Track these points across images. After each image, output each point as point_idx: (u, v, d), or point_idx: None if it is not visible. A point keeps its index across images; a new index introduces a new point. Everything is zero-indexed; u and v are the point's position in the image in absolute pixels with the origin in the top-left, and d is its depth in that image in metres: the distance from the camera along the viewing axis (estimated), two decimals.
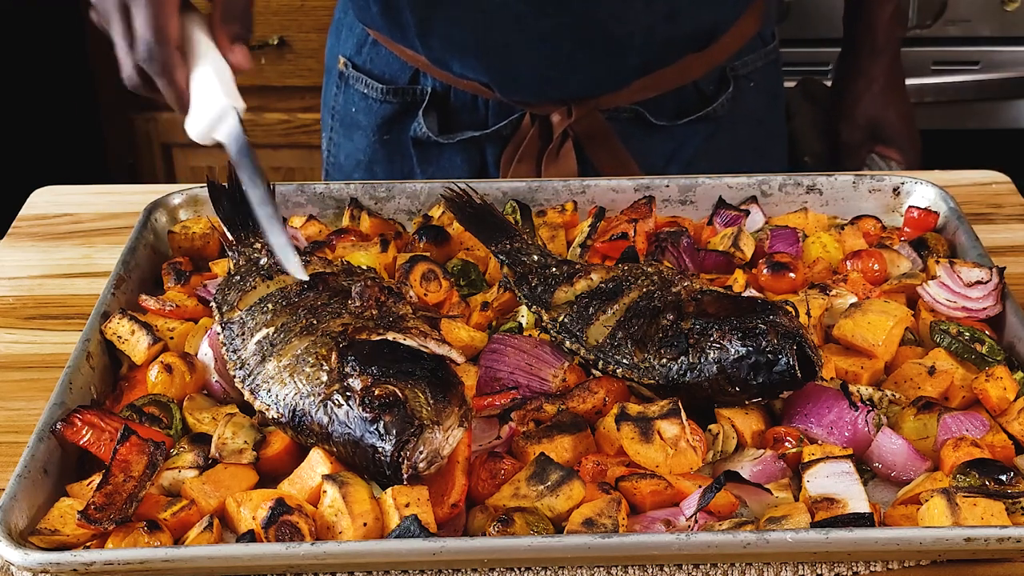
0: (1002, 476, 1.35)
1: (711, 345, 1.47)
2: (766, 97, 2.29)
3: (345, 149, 2.33)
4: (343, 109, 2.32)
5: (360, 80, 2.26)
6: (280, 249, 1.54)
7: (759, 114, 2.28)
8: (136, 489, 1.36)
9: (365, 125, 2.28)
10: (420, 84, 2.19)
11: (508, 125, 2.17)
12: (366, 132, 2.28)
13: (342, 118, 2.33)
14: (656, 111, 2.16)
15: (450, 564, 1.32)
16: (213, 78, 1.57)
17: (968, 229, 1.80)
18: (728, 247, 1.77)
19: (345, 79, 2.30)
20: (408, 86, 2.20)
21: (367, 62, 2.25)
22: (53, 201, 2.07)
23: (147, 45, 1.53)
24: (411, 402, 1.35)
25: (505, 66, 2.08)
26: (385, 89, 2.22)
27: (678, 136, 2.19)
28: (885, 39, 2.35)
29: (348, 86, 2.29)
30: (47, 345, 1.72)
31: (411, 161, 2.24)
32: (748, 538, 1.27)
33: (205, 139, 1.62)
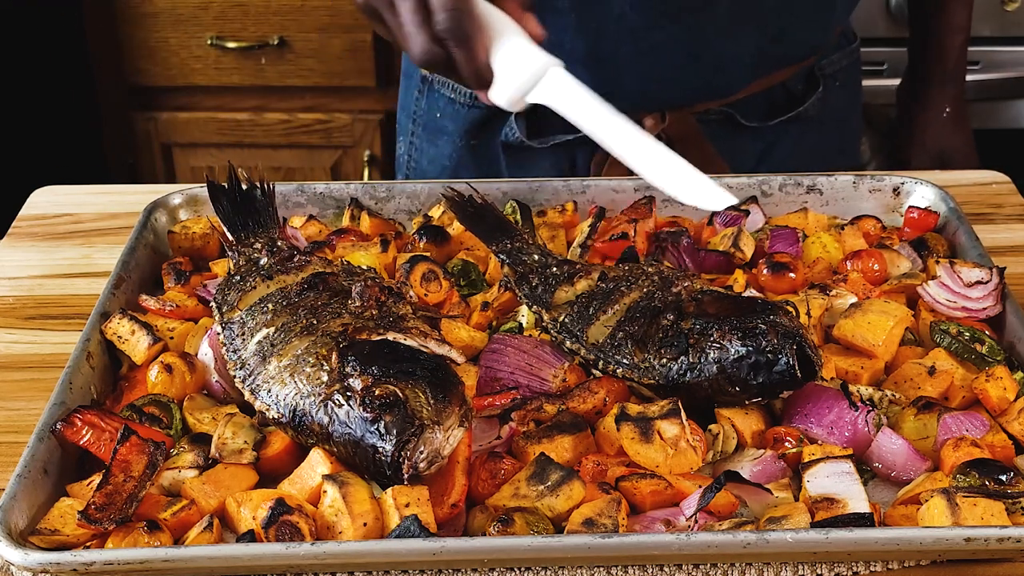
0: (1002, 476, 1.35)
1: (711, 345, 1.47)
2: (849, 96, 2.31)
3: (428, 154, 2.31)
4: (426, 114, 2.29)
5: (446, 84, 2.23)
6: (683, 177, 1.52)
7: (842, 113, 2.30)
8: (136, 489, 1.36)
9: (451, 130, 2.25)
10: None
11: None
12: (452, 137, 2.26)
13: (425, 123, 2.30)
14: (746, 112, 2.16)
15: (450, 564, 1.32)
16: (523, 40, 1.57)
17: (968, 229, 1.80)
18: (728, 247, 1.77)
19: (428, 84, 2.27)
20: None
21: None
22: (53, 201, 2.07)
23: (447, 14, 1.49)
24: (411, 402, 1.35)
25: (610, 76, 2.05)
26: (473, 94, 2.19)
27: (768, 136, 2.20)
28: (955, 68, 2.37)
29: (432, 91, 2.26)
30: (47, 345, 1.72)
31: (499, 165, 2.23)
32: (748, 538, 1.27)
33: (518, 104, 1.61)
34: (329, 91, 3.78)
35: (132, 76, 3.79)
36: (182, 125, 3.84)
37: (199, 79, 3.77)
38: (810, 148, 2.23)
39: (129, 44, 3.73)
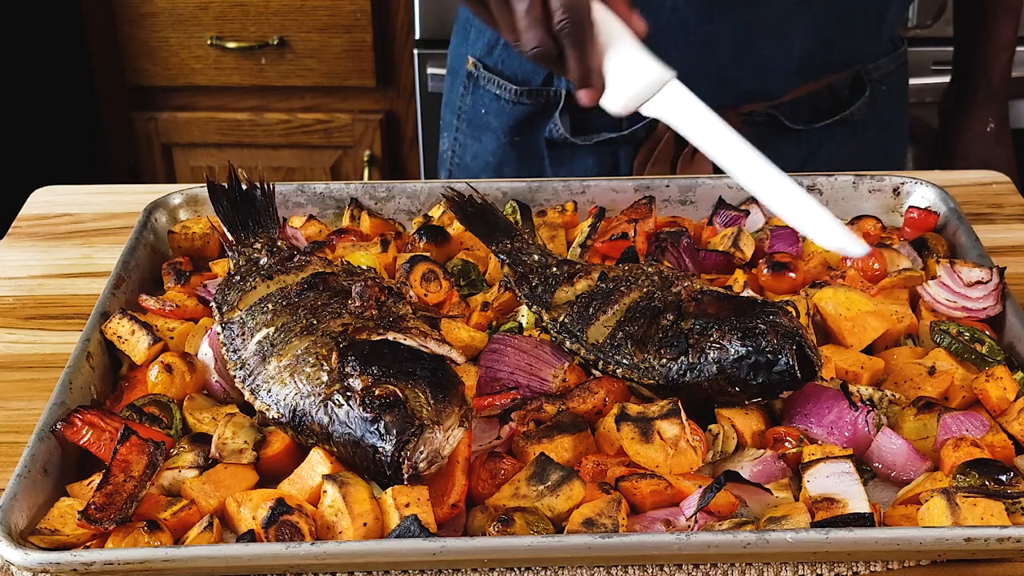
0: (1002, 476, 1.35)
1: (711, 345, 1.47)
2: (896, 99, 2.30)
3: (472, 150, 2.31)
4: (471, 110, 2.29)
5: (491, 81, 2.23)
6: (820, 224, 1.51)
7: (888, 117, 2.29)
8: (136, 489, 1.36)
9: (496, 126, 2.26)
10: (555, 85, 2.17)
11: (643, 127, 2.15)
12: (496, 133, 2.26)
13: (470, 119, 2.30)
14: (791, 115, 2.16)
15: (450, 564, 1.32)
16: (638, 49, 1.57)
17: (968, 229, 1.80)
18: (728, 247, 1.77)
19: (474, 80, 2.27)
20: (542, 87, 2.18)
21: (499, 63, 2.23)
22: (53, 201, 2.07)
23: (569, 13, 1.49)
24: (411, 402, 1.35)
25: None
26: (519, 90, 2.20)
27: (813, 139, 2.19)
28: (1000, 83, 2.36)
29: (477, 87, 2.27)
30: (47, 345, 1.72)
31: (542, 162, 2.23)
32: (748, 538, 1.27)
33: (628, 110, 1.61)
34: (329, 91, 3.78)
35: (132, 76, 3.79)
36: (182, 125, 3.84)
37: (199, 79, 3.77)
38: (855, 152, 2.22)
39: (129, 44, 3.74)
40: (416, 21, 3.51)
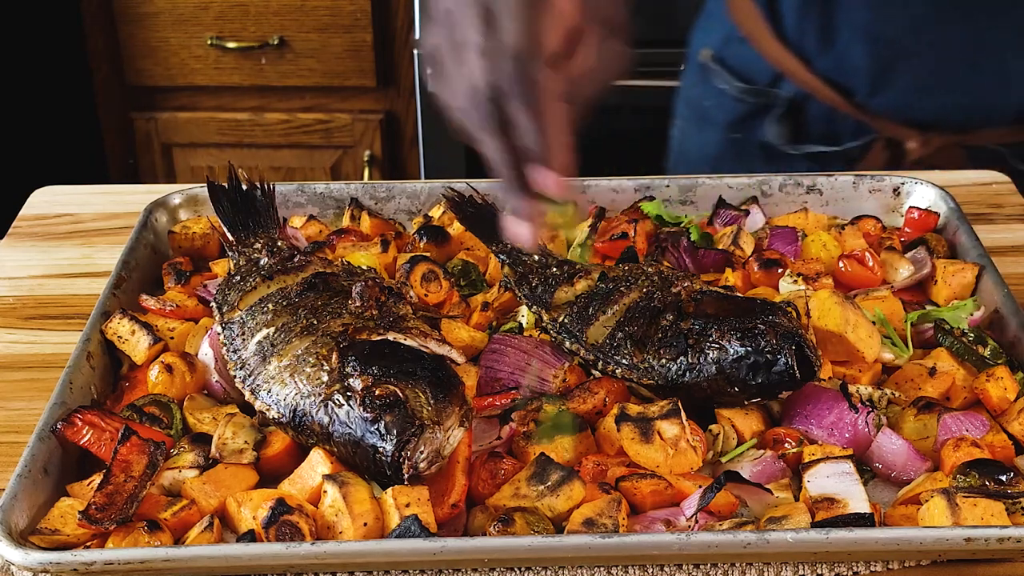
0: (1002, 476, 1.35)
1: (710, 345, 1.47)
2: None
3: (696, 142, 2.30)
4: (698, 101, 2.28)
5: (720, 75, 2.22)
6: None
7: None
8: (136, 489, 1.36)
9: (717, 121, 2.24)
10: (778, 88, 2.15)
11: (860, 146, 2.12)
12: (716, 128, 2.24)
13: (695, 109, 2.30)
14: (1020, 155, 2.07)
15: (450, 564, 1.32)
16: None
17: (968, 229, 1.80)
18: (728, 246, 1.77)
19: (705, 71, 2.26)
20: (766, 87, 2.16)
21: (730, 57, 2.22)
22: (53, 201, 2.07)
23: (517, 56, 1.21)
24: (412, 402, 1.35)
25: (885, 60, 2.01)
26: (743, 88, 2.18)
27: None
28: None
29: (707, 79, 2.25)
30: (47, 345, 1.72)
31: (758, 164, 2.20)
32: (748, 538, 1.27)
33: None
34: (329, 91, 3.78)
35: (132, 76, 3.79)
36: (182, 125, 3.84)
37: (199, 79, 3.77)
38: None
39: (129, 44, 3.74)
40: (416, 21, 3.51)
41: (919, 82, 2.01)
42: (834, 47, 2.05)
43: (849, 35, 2.01)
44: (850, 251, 1.74)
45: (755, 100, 2.18)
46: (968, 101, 2.02)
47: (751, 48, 2.17)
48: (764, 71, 2.17)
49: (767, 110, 2.16)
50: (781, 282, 1.68)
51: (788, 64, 2.12)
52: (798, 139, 2.17)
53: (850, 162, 2.13)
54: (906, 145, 2.08)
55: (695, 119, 2.30)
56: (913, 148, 2.07)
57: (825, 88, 2.09)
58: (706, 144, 2.28)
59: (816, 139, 2.15)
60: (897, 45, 1.99)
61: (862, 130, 2.11)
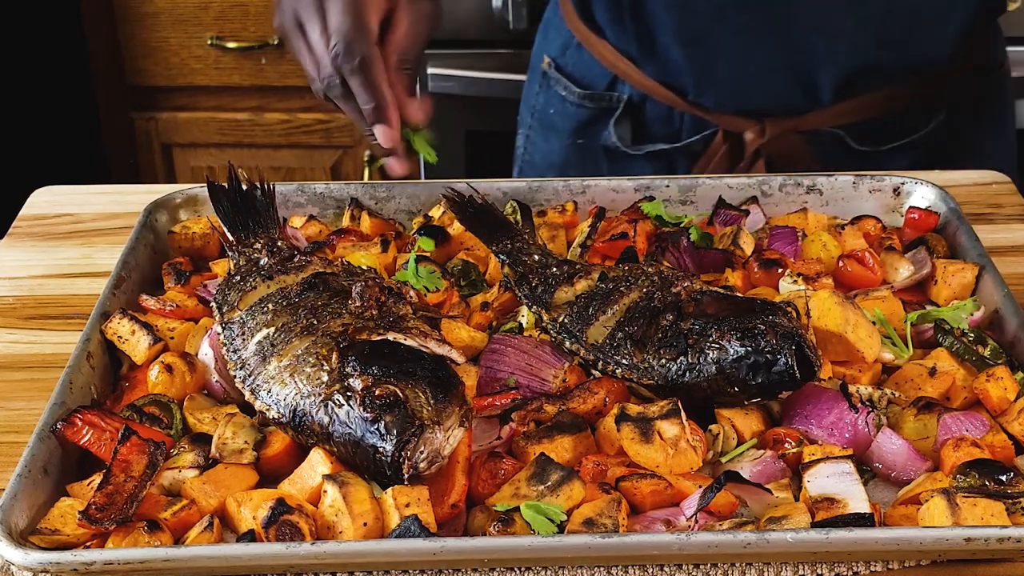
0: (1002, 476, 1.35)
1: (710, 345, 1.47)
2: (987, 124, 2.20)
3: (541, 149, 2.34)
4: (542, 109, 2.32)
5: (560, 82, 2.26)
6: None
7: (977, 140, 2.19)
8: (136, 489, 1.36)
9: (561, 128, 2.28)
10: (617, 91, 2.19)
11: (700, 140, 2.15)
12: (561, 135, 2.28)
13: (540, 118, 2.33)
14: (858, 136, 2.11)
15: (450, 564, 1.32)
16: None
17: (968, 229, 1.80)
18: (728, 246, 1.77)
19: (547, 79, 2.29)
20: (605, 92, 2.20)
21: (569, 64, 2.25)
22: (53, 201, 2.07)
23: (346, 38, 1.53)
24: (412, 402, 1.35)
25: (702, 58, 2.05)
26: (582, 94, 2.22)
27: (881, 162, 2.13)
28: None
29: (549, 87, 2.29)
30: (47, 345, 1.72)
31: (603, 168, 2.24)
32: (748, 538, 1.27)
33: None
34: None
35: (132, 76, 3.79)
36: (182, 125, 3.84)
37: (199, 79, 3.77)
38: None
39: (129, 44, 3.73)
40: None
41: (740, 72, 2.06)
42: (655, 52, 2.09)
43: (665, 40, 2.06)
44: (850, 251, 1.74)
45: (595, 105, 2.22)
46: (787, 84, 2.05)
47: (588, 54, 2.21)
48: (602, 76, 2.20)
49: (608, 114, 2.20)
50: (781, 282, 1.68)
51: (622, 67, 2.16)
52: (640, 139, 2.20)
53: (693, 158, 2.17)
54: (744, 136, 2.11)
55: (540, 127, 2.34)
56: (751, 138, 2.10)
57: (659, 88, 2.14)
58: (551, 152, 2.32)
59: (658, 138, 2.18)
60: (710, 41, 2.03)
61: (701, 125, 2.14)
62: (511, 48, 3.54)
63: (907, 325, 1.62)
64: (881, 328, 1.61)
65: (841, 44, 2.00)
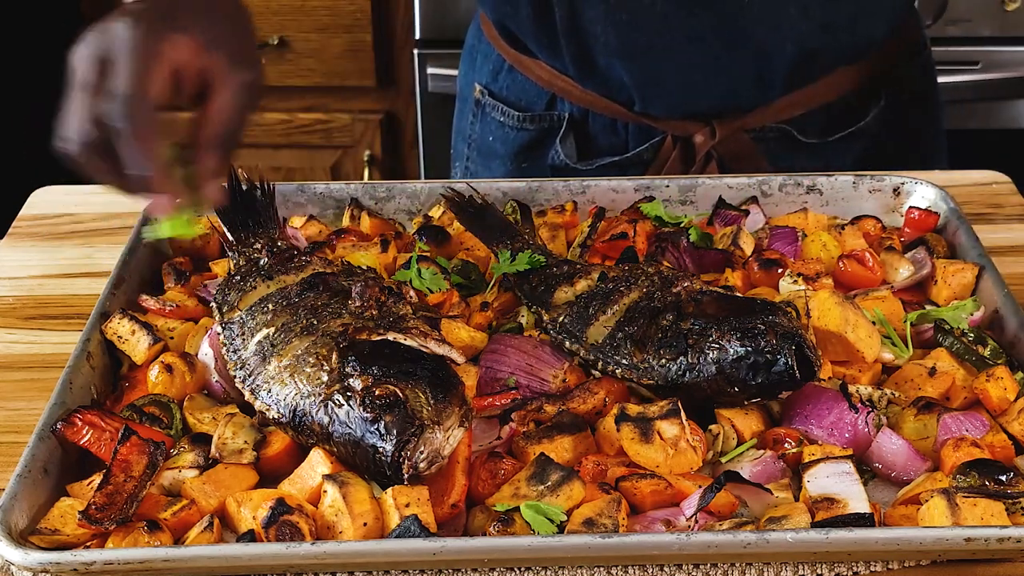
0: (1002, 476, 1.35)
1: (710, 345, 1.47)
2: (921, 107, 2.24)
3: (484, 177, 2.28)
4: (480, 137, 2.29)
5: (496, 108, 2.23)
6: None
7: (914, 124, 2.23)
8: (136, 489, 1.36)
9: (503, 153, 2.25)
10: (557, 110, 2.17)
11: (649, 148, 2.14)
12: (504, 160, 2.25)
13: (479, 147, 2.30)
14: (803, 129, 2.12)
15: (450, 564, 1.32)
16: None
17: (968, 229, 1.80)
18: (728, 246, 1.77)
19: (482, 107, 2.27)
20: (545, 112, 2.18)
21: (503, 89, 2.23)
22: (53, 201, 2.07)
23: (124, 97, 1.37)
24: (412, 402, 1.35)
25: (649, 72, 2.03)
26: (521, 116, 2.20)
27: (828, 154, 2.14)
28: None
29: (485, 114, 2.27)
30: (47, 345, 1.72)
31: None
32: (748, 538, 1.27)
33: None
34: (329, 91, 3.78)
35: None
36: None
37: None
38: (876, 164, 2.15)
39: None
40: (416, 21, 3.51)
41: (687, 78, 2.03)
42: (595, 70, 2.07)
43: (606, 58, 2.04)
44: (850, 251, 1.74)
45: (535, 126, 2.19)
46: (737, 84, 2.05)
47: (522, 76, 2.19)
48: (539, 97, 2.18)
49: (551, 133, 2.18)
50: (781, 282, 1.68)
51: (560, 85, 2.14)
52: (586, 155, 2.18)
53: (643, 166, 2.15)
54: (694, 139, 2.10)
55: (479, 157, 2.31)
56: (701, 141, 2.10)
57: (602, 101, 2.12)
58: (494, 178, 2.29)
59: (605, 151, 2.16)
60: (654, 52, 2.01)
61: (647, 133, 2.13)
62: None
63: (907, 325, 1.62)
64: (881, 328, 1.61)
65: (788, 33, 1.99)
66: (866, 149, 2.16)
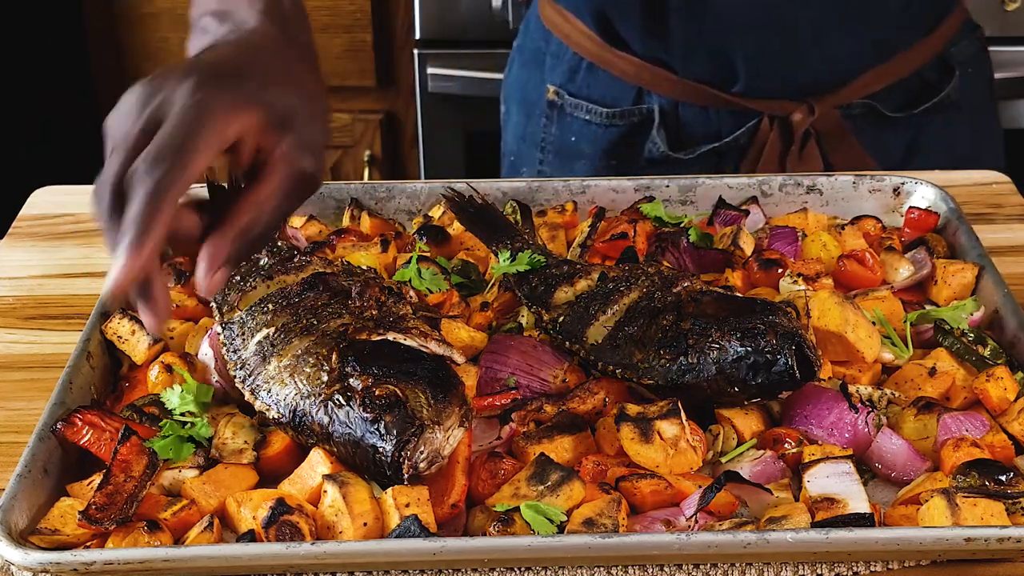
0: (1002, 476, 1.35)
1: (710, 345, 1.47)
2: (983, 84, 2.29)
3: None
4: (558, 139, 2.27)
5: (579, 107, 2.21)
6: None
7: (978, 102, 2.28)
8: (136, 489, 1.36)
9: (589, 152, 2.23)
10: (645, 103, 2.16)
11: (745, 132, 2.14)
12: (591, 159, 2.23)
13: (558, 148, 2.28)
14: (888, 103, 2.15)
15: (450, 564, 1.32)
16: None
17: (968, 229, 1.80)
18: (728, 246, 1.77)
19: (557, 109, 2.25)
20: (633, 107, 2.17)
21: (584, 88, 2.21)
22: (53, 201, 2.07)
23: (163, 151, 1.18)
24: (411, 402, 1.35)
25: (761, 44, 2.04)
26: (610, 112, 2.19)
27: (913, 128, 2.18)
28: None
29: (563, 115, 2.25)
30: (47, 345, 1.72)
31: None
32: (748, 538, 1.27)
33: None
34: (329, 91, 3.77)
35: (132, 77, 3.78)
36: None
37: None
38: (956, 138, 2.19)
39: (129, 45, 3.73)
40: (416, 21, 3.51)
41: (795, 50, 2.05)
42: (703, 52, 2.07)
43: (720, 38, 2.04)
44: (850, 251, 1.74)
45: (625, 121, 2.19)
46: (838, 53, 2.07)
47: (604, 72, 2.18)
48: (625, 91, 2.17)
49: (642, 127, 2.17)
50: (781, 282, 1.68)
51: (648, 77, 2.13)
52: (684, 144, 2.18)
53: (741, 152, 2.15)
54: (792, 118, 2.11)
55: (560, 158, 2.29)
56: (799, 119, 2.11)
57: (696, 87, 2.12)
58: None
59: (701, 139, 2.16)
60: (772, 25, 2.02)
61: (740, 118, 2.13)
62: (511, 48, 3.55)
63: (907, 325, 1.62)
64: (881, 328, 1.61)
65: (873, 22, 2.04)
66: (947, 123, 2.19)
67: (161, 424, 1.44)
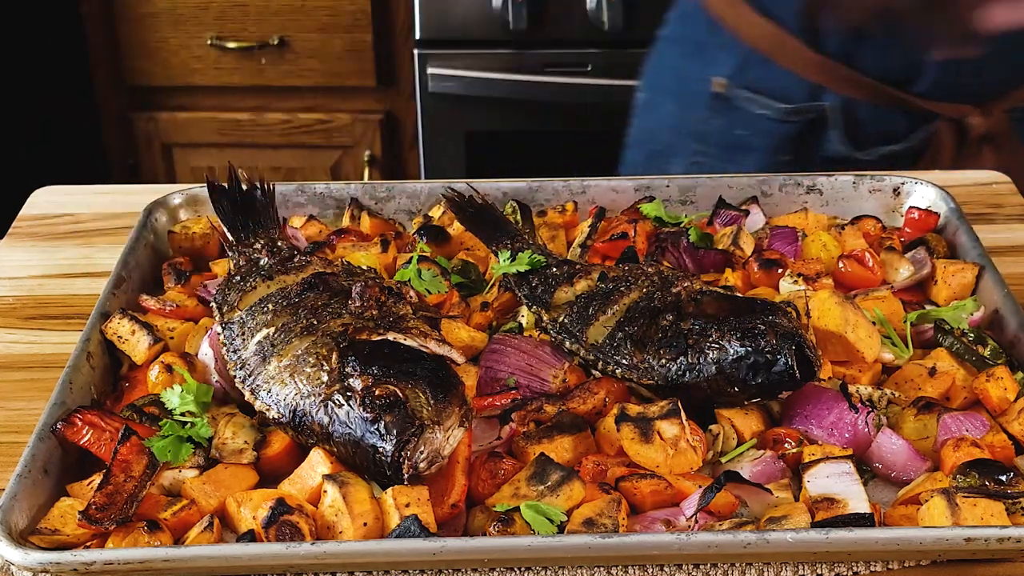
0: (1002, 476, 1.35)
1: (710, 345, 1.47)
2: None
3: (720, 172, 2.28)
4: (723, 132, 2.24)
5: (752, 100, 2.19)
6: None
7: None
8: (136, 489, 1.36)
9: (758, 146, 2.21)
10: (822, 101, 2.14)
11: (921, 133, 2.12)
12: (760, 153, 2.21)
13: (722, 141, 2.25)
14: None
15: (450, 564, 1.32)
16: None
17: (968, 229, 1.80)
18: (728, 246, 1.77)
19: (724, 101, 2.22)
20: (810, 103, 2.15)
21: (756, 81, 2.19)
22: (53, 201, 2.07)
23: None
24: (412, 402, 1.35)
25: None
26: (785, 108, 2.16)
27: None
28: None
29: (731, 108, 2.22)
30: (47, 345, 1.72)
31: None
32: (748, 538, 1.27)
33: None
34: (329, 91, 3.78)
35: (132, 76, 3.79)
36: (182, 125, 3.84)
37: (199, 79, 3.77)
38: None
39: (129, 44, 3.74)
40: (416, 21, 3.51)
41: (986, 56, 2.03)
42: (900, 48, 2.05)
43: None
44: (850, 251, 1.74)
45: (801, 118, 2.16)
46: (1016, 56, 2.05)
47: (776, 67, 2.15)
48: (799, 87, 2.15)
49: (819, 125, 2.14)
50: (781, 282, 1.68)
51: (830, 74, 2.10)
52: (865, 144, 2.15)
53: (915, 154, 2.13)
54: (969, 121, 2.09)
55: (724, 151, 2.25)
56: (977, 123, 2.09)
57: (880, 87, 2.09)
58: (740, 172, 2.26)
59: (877, 139, 2.14)
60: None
61: (919, 119, 2.11)
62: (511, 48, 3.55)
63: (907, 325, 1.62)
64: (881, 328, 1.61)
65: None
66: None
67: (161, 424, 1.44)
